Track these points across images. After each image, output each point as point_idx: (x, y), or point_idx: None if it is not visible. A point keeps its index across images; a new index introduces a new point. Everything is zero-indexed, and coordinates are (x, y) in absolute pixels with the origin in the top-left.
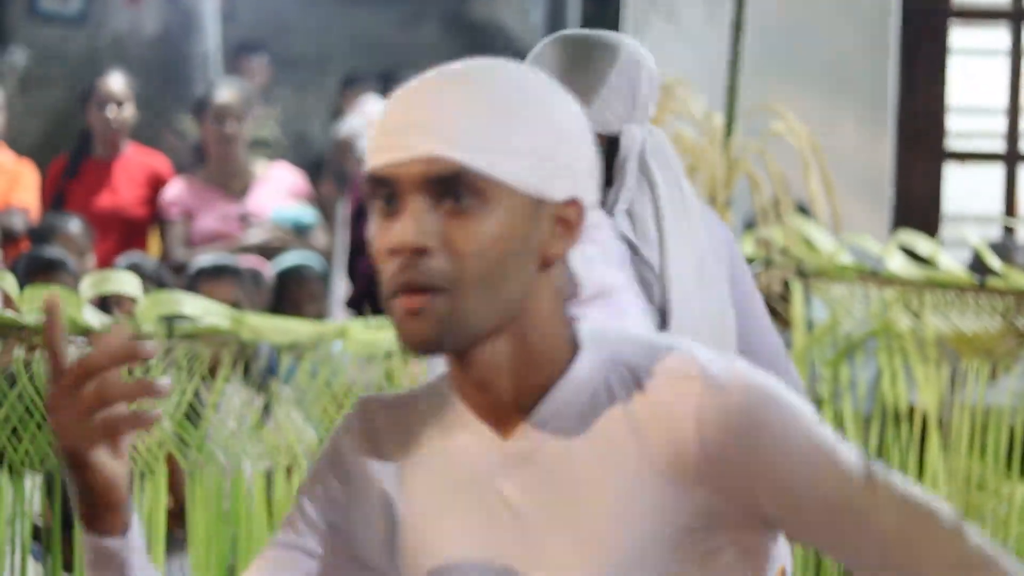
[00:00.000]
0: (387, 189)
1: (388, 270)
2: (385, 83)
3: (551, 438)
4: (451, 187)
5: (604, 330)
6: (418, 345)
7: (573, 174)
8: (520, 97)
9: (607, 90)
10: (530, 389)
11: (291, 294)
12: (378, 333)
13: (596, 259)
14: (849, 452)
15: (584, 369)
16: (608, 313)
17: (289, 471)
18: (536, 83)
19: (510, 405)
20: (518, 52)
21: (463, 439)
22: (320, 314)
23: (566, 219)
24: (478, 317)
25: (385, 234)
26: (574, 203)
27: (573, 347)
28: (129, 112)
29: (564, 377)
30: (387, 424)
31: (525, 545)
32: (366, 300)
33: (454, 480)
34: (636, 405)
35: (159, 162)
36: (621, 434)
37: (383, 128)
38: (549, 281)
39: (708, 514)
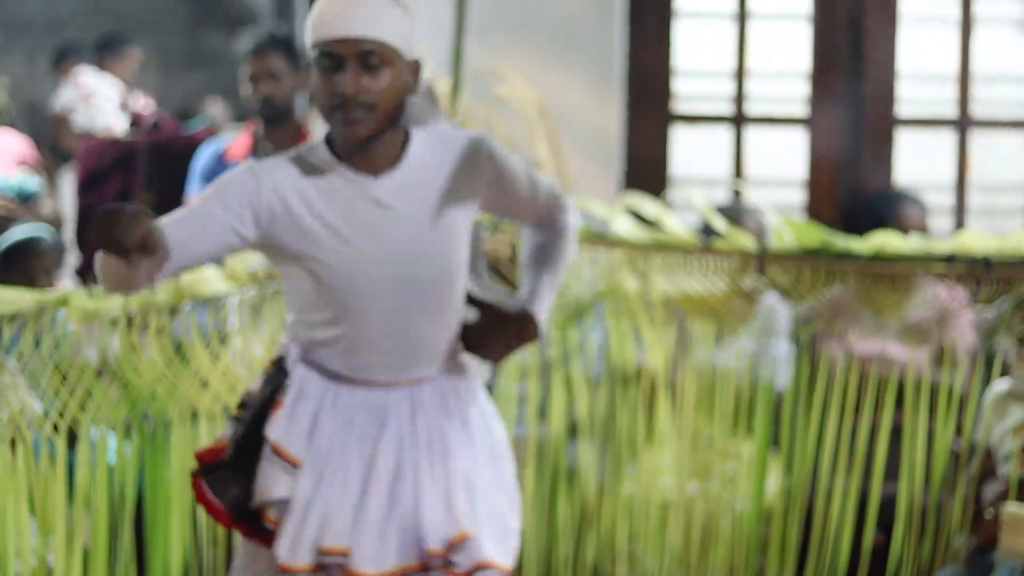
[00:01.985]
0: None
1: None
2: (100, 52)
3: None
4: None
5: None
6: None
7: None
8: None
9: None
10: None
11: (23, 265)
12: (101, 302)
13: None
14: None
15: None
16: None
17: (13, 443)
18: None
19: None
20: (248, 15)
21: None
22: (53, 285)
23: None
24: None
25: None
26: None
27: None
28: None
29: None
30: None
31: None
32: (90, 269)
33: None
34: None
35: None
36: None
37: None
38: None
39: None
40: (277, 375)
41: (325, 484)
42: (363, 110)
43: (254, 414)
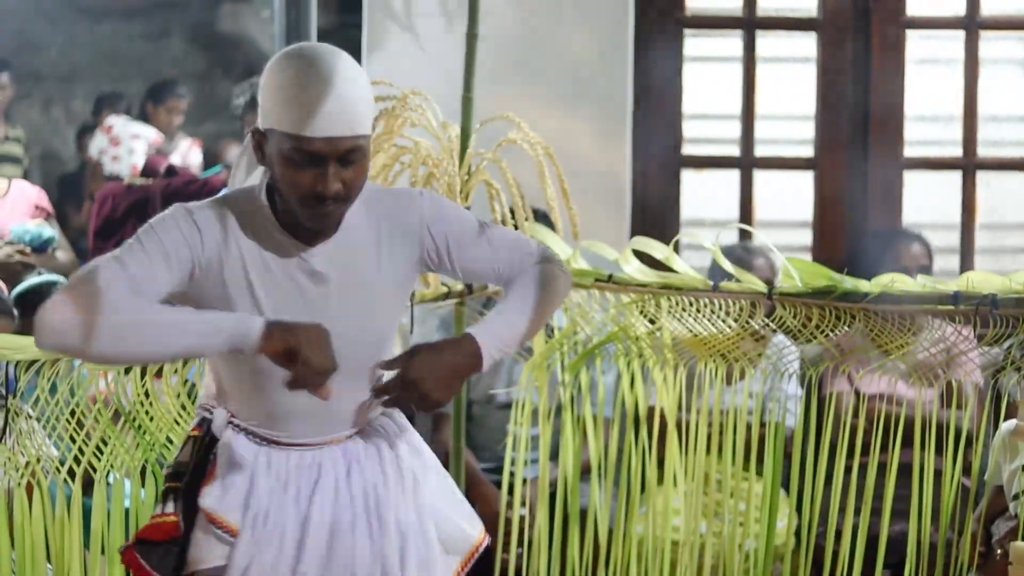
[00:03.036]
0: None
1: None
2: (146, 99)
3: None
4: None
5: None
6: None
7: None
8: None
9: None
10: None
11: (35, 313)
12: None
13: None
14: None
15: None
16: None
17: (29, 488)
18: None
19: None
20: (262, 63)
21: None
22: None
23: None
24: None
25: None
26: None
27: None
28: None
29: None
30: None
31: None
32: None
33: None
34: None
35: None
36: None
37: None
38: None
39: None
40: (205, 442)
41: (262, 549)
42: (339, 202)
43: (187, 484)
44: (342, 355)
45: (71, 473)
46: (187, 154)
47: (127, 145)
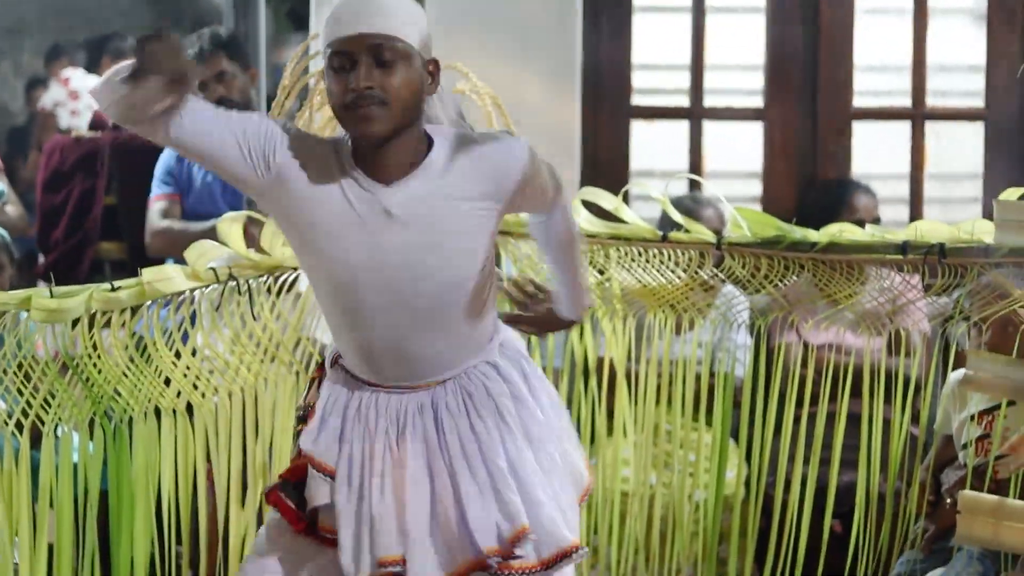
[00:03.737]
0: None
1: None
2: (90, 52)
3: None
4: None
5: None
6: None
7: None
8: None
9: None
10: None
11: None
12: (63, 301)
13: None
14: None
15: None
16: None
17: None
18: None
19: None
20: (210, 14)
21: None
22: (6, 285)
23: None
24: None
25: None
26: None
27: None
28: None
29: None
30: None
31: None
32: (54, 269)
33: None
34: None
35: None
36: None
37: None
38: None
39: None
40: (320, 382)
41: (365, 495)
42: (377, 106)
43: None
44: (412, 295)
45: (19, 426)
46: None
47: (87, 100)
